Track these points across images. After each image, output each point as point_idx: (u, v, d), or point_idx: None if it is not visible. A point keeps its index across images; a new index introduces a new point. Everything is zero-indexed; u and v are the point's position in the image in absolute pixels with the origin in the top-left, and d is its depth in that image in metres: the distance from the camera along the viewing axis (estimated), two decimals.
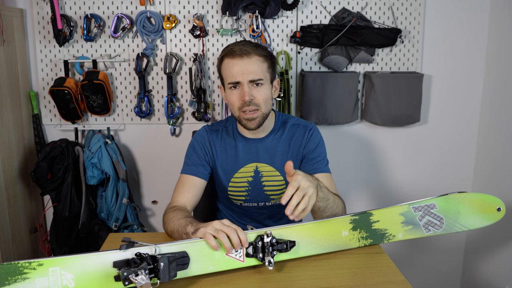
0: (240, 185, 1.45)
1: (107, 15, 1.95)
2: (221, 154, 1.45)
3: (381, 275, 1.06)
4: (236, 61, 1.31)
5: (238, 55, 1.31)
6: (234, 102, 1.34)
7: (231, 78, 1.32)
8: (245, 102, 1.31)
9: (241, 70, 1.30)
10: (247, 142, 1.44)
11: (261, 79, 1.32)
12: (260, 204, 1.47)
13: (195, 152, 1.44)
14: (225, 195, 1.48)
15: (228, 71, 1.33)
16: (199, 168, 1.41)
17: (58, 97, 1.88)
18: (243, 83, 1.31)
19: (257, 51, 1.32)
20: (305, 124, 1.47)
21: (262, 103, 1.33)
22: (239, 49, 1.31)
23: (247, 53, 1.30)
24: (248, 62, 1.31)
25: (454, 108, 2.14)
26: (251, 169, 1.44)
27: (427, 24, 2.03)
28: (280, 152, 1.43)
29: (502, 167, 1.97)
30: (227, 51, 1.34)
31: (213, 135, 1.46)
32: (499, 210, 1.24)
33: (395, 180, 2.20)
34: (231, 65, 1.32)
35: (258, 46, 1.35)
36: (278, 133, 1.45)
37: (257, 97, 1.32)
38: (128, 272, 0.90)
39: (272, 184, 1.44)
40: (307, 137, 1.44)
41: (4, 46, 1.81)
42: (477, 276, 2.18)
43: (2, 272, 0.87)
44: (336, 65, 1.95)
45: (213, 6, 1.95)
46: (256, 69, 1.31)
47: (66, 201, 1.91)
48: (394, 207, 1.19)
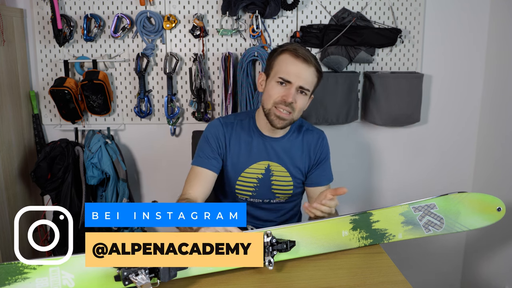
0: (249, 181, 1.46)
1: (107, 15, 1.95)
2: (234, 148, 1.44)
3: (381, 275, 1.06)
4: (298, 61, 1.33)
5: (301, 56, 1.32)
6: (275, 95, 1.35)
7: (285, 74, 1.33)
8: (286, 102, 1.33)
9: (298, 72, 1.32)
10: (263, 139, 1.45)
11: (308, 89, 1.35)
12: (265, 200, 1.49)
13: (208, 144, 1.43)
14: (232, 189, 1.48)
15: (285, 66, 1.34)
16: (212, 161, 1.41)
17: (58, 97, 1.88)
18: (293, 85, 1.33)
19: (316, 64, 1.35)
20: (318, 131, 1.52)
21: (298, 110, 1.36)
22: (303, 53, 1.33)
23: (308, 60, 1.33)
24: (306, 69, 1.33)
25: (454, 108, 2.13)
26: (262, 166, 1.45)
27: (427, 24, 2.03)
28: (293, 154, 1.46)
29: (502, 167, 1.97)
30: (290, 48, 1.35)
31: (228, 128, 1.46)
32: (499, 210, 1.24)
33: (395, 180, 2.20)
34: (290, 62, 1.33)
35: (316, 59, 1.37)
36: (293, 135, 1.47)
37: (298, 103, 1.35)
38: (128, 272, 0.90)
39: (281, 184, 1.46)
40: (320, 144, 1.49)
41: (4, 46, 1.81)
42: (477, 276, 2.17)
43: (2, 272, 0.88)
44: (336, 65, 1.95)
45: (213, 6, 1.95)
46: (309, 78, 1.34)
47: (66, 201, 1.91)
48: (394, 207, 1.19)
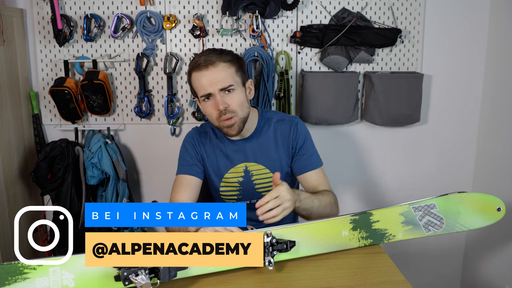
0: (231, 186, 1.47)
1: (107, 15, 1.95)
2: (211, 156, 1.46)
3: (381, 275, 1.06)
4: (202, 72, 1.31)
5: (203, 66, 1.31)
6: (211, 113, 1.35)
7: (202, 90, 1.33)
8: (221, 111, 1.31)
9: (210, 80, 1.31)
10: (234, 144, 1.46)
11: (231, 85, 1.32)
12: (253, 201, 1.48)
13: (187, 152, 1.46)
14: (218, 195, 1.50)
15: (198, 84, 1.33)
16: (194, 167, 1.43)
17: (58, 97, 1.88)
18: (215, 93, 1.31)
19: (221, 58, 1.32)
20: (290, 119, 1.48)
21: (237, 108, 1.33)
22: (204, 60, 1.31)
23: (211, 62, 1.30)
24: (214, 71, 1.30)
25: (454, 108, 2.13)
26: (240, 169, 1.46)
27: (427, 24, 2.03)
28: (267, 149, 1.45)
29: (502, 167, 1.97)
30: (192, 65, 1.34)
31: (203, 137, 1.48)
32: (499, 210, 1.24)
33: (395, 180, 2.19)
34: (199, 77, 1.32)
35: (222, 52, 1.35)
36: (263, 130, 1.46)
37: (231, 104, 1.32)
38: (128, 272, 0.91)
39: (263, 182, 1.46)
40: (293, 132, 1.45)
41: (4, 46, 1.81)
42: (477, 276, 2.17)
43: (2, 272, 0.88)
44: (336, 65, 1.95)
45: (213, 6, 1.95)
46: (224, 76, 1.31)
47: (66, 201, 1.91)
48: (394, 207, 1.19)
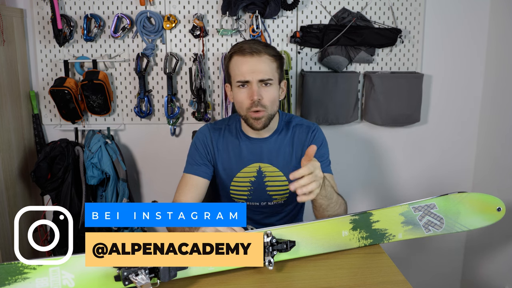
0: (242, 185, 1.44)
1: (107, 15, 1.95)
2: (224, 154, 1.43)
3: (381, 275, 1.06)
4: (246, 59, 1.29)
5: (248, 53, 1.29)
6: (243, 101, 1.32)
7: (240, 76, 1.30)
8: (254, 101, 1.29)
9: (251, 68, 1.28)
10: (250, 142, 1.43)
11: (270, 79, 1.30)
12: (262, 203, 1.46)
13: (197, 151, 1.43)
14: (227, 194, 1.47)
15: (237, 69, 1.31)
16: (202, 167, 1.41)
17: (58, 97, 1.88)
18: (253, 82, 1.29)
19: (267, 50, 1.30)
20: (308, 124, 1.46)
21: (269, 103, 1.32)
22: (249, 47, 1.29)
23: (257, 51, 1.28)
24: (258, 61, 1.29)
25: (454, 108, 2.13)
26: (254, 169, 1.43)
27: (427, 24, 2.03)
28: (283, 153, 1.43)
29: (502, 167, 1.97)
30: (236, 49, 1.32)
31: (216, 134, 1.45)
32: (499, 210, 1.24)
33: (395, 180, 2.20)
34: (240, 63, 1.30)
35: (268, 45, 1.33)
36: (281, 133, 1.44)
37: (265, 97, 1.30)
38: (128, 272, 0.90)
39: (275, 185, 1.44)
40: (310, 137, 1.43)
41: (4, 46, 1.81)
42: (477, 276, 2.17)
43: (2, 272, 0.88)
44: (336, 65, 1.95)
45: (213, 6, 1.95)
46: (266, 68, 1.30)
47: (66, 201, 1.91)
48: (394, 207, 1.19)
